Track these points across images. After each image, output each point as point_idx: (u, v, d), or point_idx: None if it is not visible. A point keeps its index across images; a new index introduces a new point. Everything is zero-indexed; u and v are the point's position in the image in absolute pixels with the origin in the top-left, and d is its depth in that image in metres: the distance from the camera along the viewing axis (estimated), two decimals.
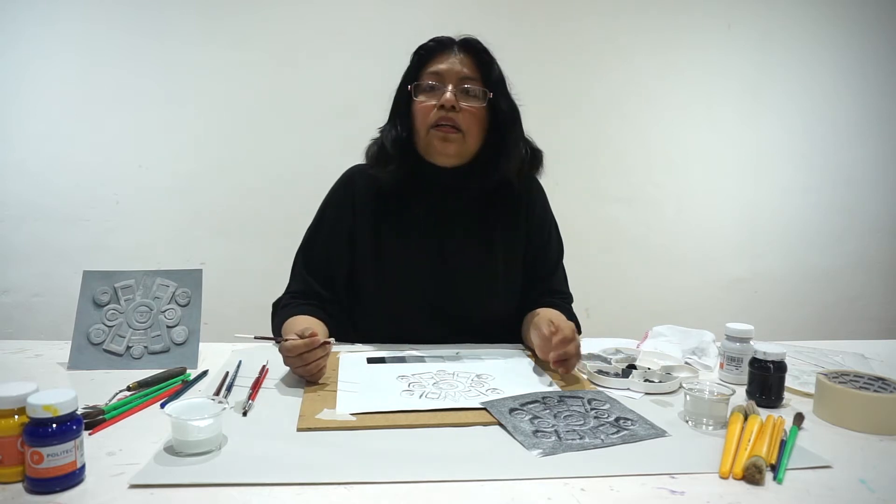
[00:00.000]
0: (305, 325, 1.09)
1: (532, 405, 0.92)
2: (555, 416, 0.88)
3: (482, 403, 0.92)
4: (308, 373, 1.00)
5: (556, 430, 0.84)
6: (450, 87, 1.21)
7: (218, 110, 2.42)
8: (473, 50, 1.24)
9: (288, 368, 1.04)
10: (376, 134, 1.32)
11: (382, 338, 1.28)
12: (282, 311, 1.28)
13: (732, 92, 2.70)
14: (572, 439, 0.81)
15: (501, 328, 1.32)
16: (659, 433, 0.84)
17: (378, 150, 1.29)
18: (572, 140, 2.58)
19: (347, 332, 1.30)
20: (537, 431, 0.83)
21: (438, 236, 1.30)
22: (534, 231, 1.36)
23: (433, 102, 1.22)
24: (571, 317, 1.32)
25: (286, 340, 0.99)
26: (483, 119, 1.25)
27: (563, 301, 1.35)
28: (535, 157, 1.32)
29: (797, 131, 2.77)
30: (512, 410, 0.90)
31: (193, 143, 2.43)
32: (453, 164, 1.27)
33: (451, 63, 1.23)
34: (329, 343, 1.02)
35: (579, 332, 1.28)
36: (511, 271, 1.33)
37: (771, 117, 2.74)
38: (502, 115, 1.26)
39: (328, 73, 2.44)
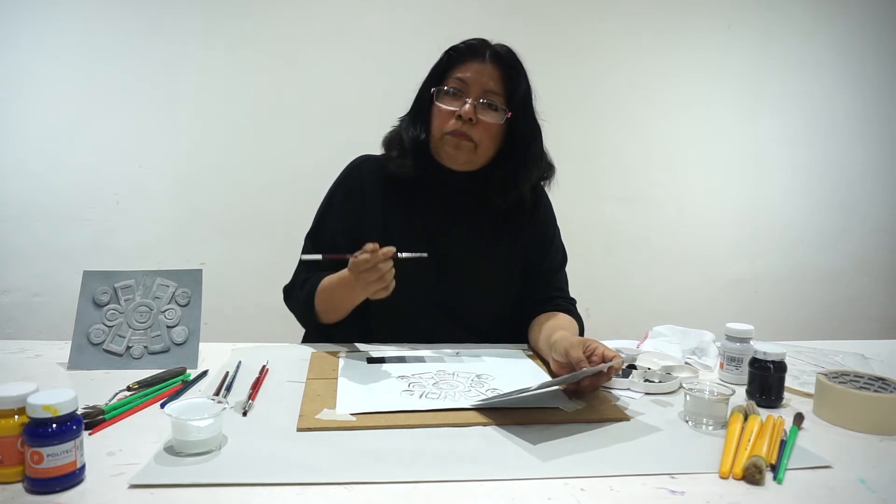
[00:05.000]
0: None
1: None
2: None
3: (472, 405, 0.92)
4: (384, 283, 1.07)
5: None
6: (470, 100, 1.20)
7: (218, 110, 2.42)
8: (503, 63, 1.22)
9: (287, 368, 1.04)
10: (396, 122, 1.33)
11: (384, 333, 1.27)
12: (307, 282, 1.26)
13: (732, 92, 2.70)
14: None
15: (502, 327, 1.33)
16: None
17: (395, 141, 1.29)
18: (572, 140, 2.58)
19: (351, 332, 1.29)
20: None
21: (444, 233, 1.30)
22: (537, 233, 1.36)
23: (453, 109, 1.21)
24: (578, 320, 1.31)
25: (356, 256, 1.06)
26: (499, 134, 1.25)
27: (565, 302, 1.35)
28: (547, 171, 1.33)
29: (797, 131, 2.77)
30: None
31: (193, 143, 2.42)
32: (463, 169, 1.28)
33: (478, 72, 1.21)
34: (391, 251, 1.06)
35: (582, 333, 1.28)
36: (513, 273, 1.34)
37: (771, 117, 2.74)
38: (521, 133, 1.25)
39: (328, 73, 2.43)
